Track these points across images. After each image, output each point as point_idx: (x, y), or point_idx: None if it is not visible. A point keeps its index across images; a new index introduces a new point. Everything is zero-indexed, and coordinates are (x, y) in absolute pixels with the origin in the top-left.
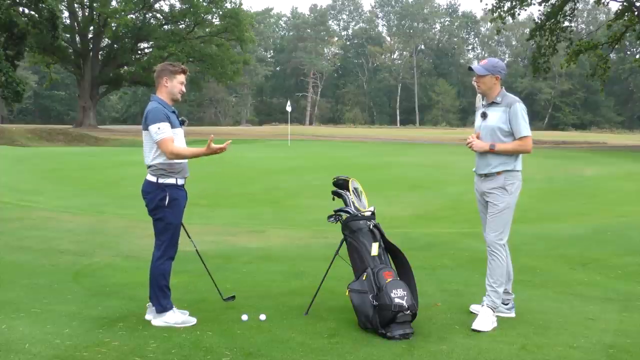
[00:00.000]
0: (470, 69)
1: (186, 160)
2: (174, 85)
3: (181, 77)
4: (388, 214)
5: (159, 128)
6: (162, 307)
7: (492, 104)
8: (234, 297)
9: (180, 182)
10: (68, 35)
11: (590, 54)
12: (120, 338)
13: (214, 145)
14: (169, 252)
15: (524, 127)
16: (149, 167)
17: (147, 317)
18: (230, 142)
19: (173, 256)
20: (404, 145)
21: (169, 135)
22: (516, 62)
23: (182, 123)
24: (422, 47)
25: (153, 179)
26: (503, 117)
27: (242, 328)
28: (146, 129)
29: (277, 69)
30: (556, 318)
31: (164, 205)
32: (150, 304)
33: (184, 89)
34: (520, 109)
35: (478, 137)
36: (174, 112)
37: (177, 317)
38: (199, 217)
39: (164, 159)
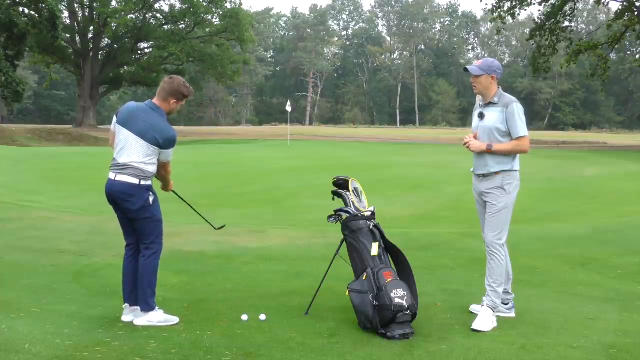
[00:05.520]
0: (465, 69)
1: None
2: (176, 108)
3: (184, 101)
4: (388, 214)
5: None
6: (149, 306)
7: (489, 104)
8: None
9: (151, 183)
10: (68, 35)
11: (590, 54)
12: (120, 338)
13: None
14: (159, 248)
15: (521, 127)
16: (127, 167)
17: (126, 318)
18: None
19: (161, 251)
20: (404, 145)
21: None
22: (516, 62)
23: None
24: (422, 47)
25: (135, 180)
26: (500, 117)
27: (242, 328)
28: (158, 145)
29: (277, 69)
30: (556, 318)
31: (150, 205)
32: (127, 304)
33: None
34: (518, 109)
35: (475, 137)
36: None
37: (160, 317)
38: (199, 217)
39: (153, 170)
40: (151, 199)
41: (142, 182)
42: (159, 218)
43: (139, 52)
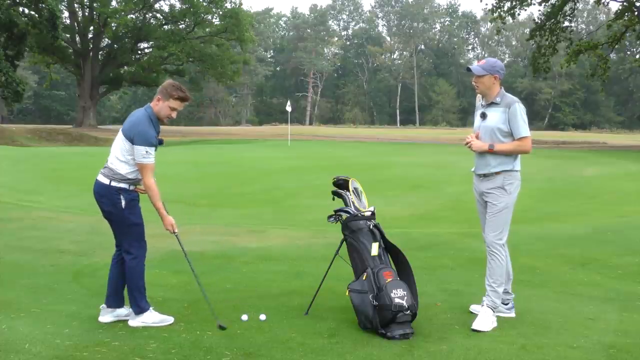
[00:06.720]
0: (468, 69)
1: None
2: (164, 107)
3: (174, 103)
4: (388, 214)
5: (146, 152)
6: (140, 309)
7: (492, 104)
8: (224, 328)
9: (132, 188)
10: (68, 35)
11: (590, 54)
12: (120, 338)
13: (167, 220)
14: (140, 251)
15: (523, 127)
16: (105, 167)
17: (102, 319)
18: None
19: (145, 254)
20: (404, 145)
21: (152, 161)
22: (516, 62)
23: (160, 143)
24: (422, 47)
25: (105, 181)
26: (502, 117)
27: (242, 328)
28: (130, 139)
29: (277, 69)
30: (556, 318)
31: (122, 208)
32: (104, 305)
33: (173, 115)
34: (520, 109)
35: (477, 137)
36: (158, 131)
37: (154, 317)
38: (199, 217)
39: (134, 173)
40: (123, 202)
41: (113, 184)
42: (134, 222)
43: (139, 52)
